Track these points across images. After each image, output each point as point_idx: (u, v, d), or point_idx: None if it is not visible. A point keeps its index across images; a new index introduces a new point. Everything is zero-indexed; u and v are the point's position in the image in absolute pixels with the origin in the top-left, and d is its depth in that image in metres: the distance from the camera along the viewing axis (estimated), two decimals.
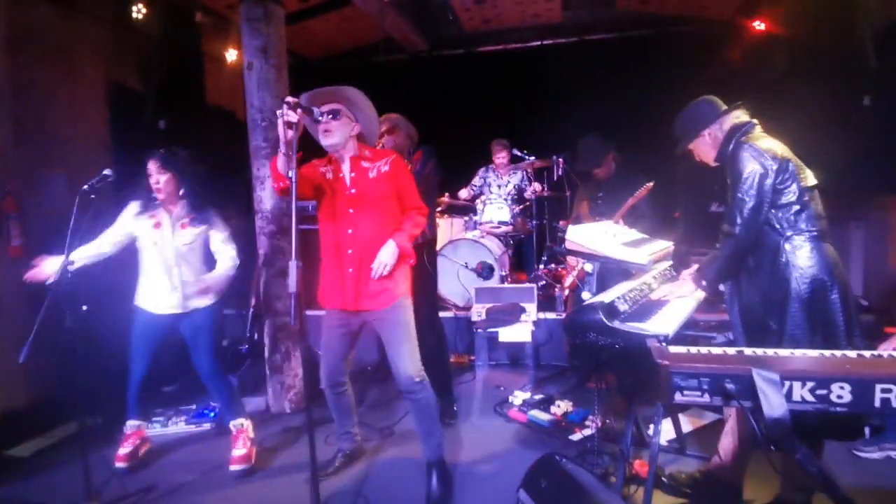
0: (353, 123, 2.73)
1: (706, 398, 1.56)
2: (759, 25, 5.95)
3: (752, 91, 2.58)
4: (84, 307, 3.41)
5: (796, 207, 2.26)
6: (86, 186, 2.73)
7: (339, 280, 2.73)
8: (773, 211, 2.27)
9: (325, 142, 2.67)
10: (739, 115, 2.45)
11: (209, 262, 3.24)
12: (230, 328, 4.66)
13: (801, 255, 2.23)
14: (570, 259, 4.23)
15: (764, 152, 2.28)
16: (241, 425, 3.30)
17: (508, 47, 7.18)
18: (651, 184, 3.83)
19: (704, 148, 2.51)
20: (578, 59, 6.74)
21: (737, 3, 6.14)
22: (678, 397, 1.58)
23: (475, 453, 3.27)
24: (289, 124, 2.30)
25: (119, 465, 3.17)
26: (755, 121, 2.44)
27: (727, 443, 2.47)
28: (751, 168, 2.25)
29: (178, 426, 3.73)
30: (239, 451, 3.18)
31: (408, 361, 2.72)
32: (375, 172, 2.72)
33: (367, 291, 2.70)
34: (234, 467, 3.13)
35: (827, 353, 1.77)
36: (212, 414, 3.82)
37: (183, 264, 3.14)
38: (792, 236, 2.25)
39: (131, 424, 3.33)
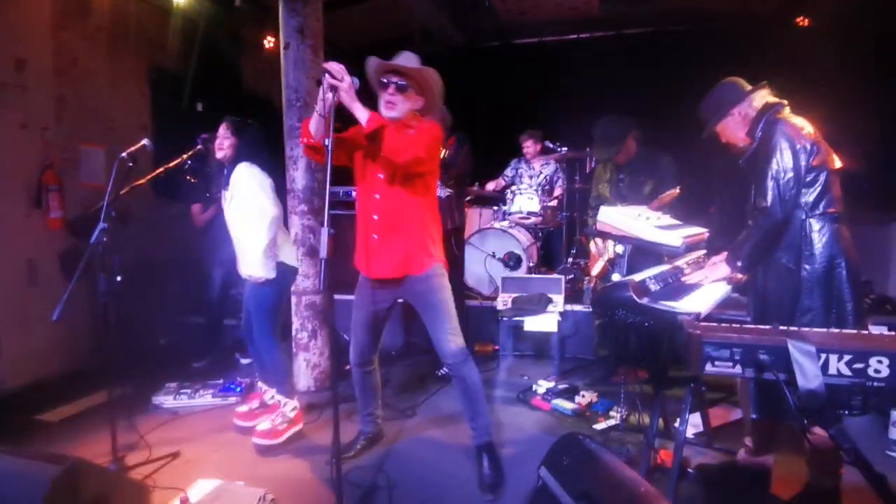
0: (418, 100, 2.66)
1: (738, 369, 1.52)
2: (801, 21, 5.81)
3: (793, 88, 2.56)
4: (118, 278, 3.49)
5: (821, 188, 2.28)
6: (124, 154, 2.81)
7: (370, 247, 2.71)
8: (801, 189, 2.28)
9: (387, 114, 2.57)
10: (767, 95, 2.46)
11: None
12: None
13: (822, 235, 2.26)
14: (594, 250, 4.16)
15: (798, 129, 2.30)
16: (278, 401, 3.29)
17: (544, 39, 7.15)
18: (677, 190, 3.76)
19: (733, 127, 2.50)
20: (615, 53, 6.68)
21: None
22: (709, 367, 1.53)
23: (497, 438, 3.23)
24: (332, 87, 2.30)
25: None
26: (784, 101, 2.43)
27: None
28: (786, 144, 2.26)
29: (205, 399, 3.78)
30: (263, 425, 3.18)
31: (450, 337, 2.68)
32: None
33: (392, 259, 2.66)
34: (254, 439, 3.13)
35: (864, 331, 1.72)
36: (238, 389, 3.87)
37: (238, 232, 3.21)
38: (814, 215, 2.27)
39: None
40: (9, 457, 2.07)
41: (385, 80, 2.58)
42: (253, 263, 3.13)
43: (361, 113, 2.38)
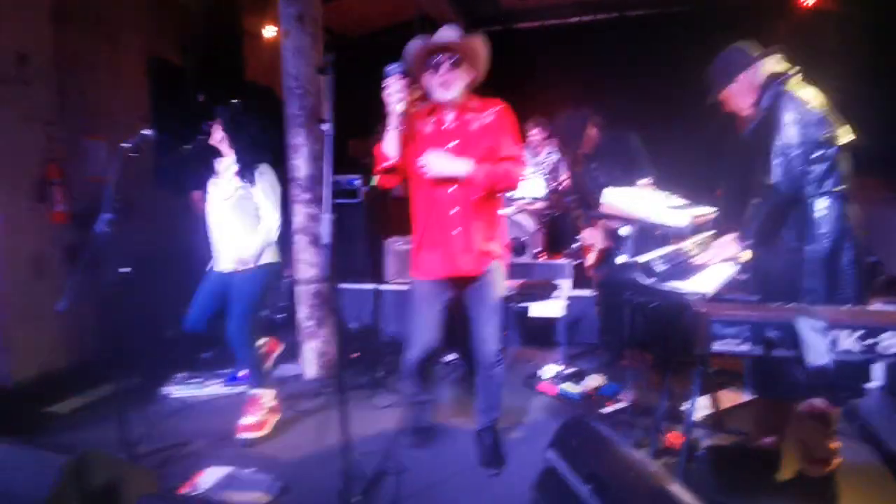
0: (471, 73, 2.52)
1: (746, 346, 1.50)
2: (808, 1, 5.71)
3: (804, 66, 2.50)
4: (124, 269, 3.48)
5: (828, 164, 2.21)
6: (126, 145, 2.79)
7: (443, 244, 2.56)
8: (808, 166, 2.21)
9: (444, 96, 2.46)
10: (777, 62, 2.36)
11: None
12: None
13: (827, 214, 2.18)
14: (586, 238, 4.12)
15: (807, 102, 2.22)
16: (256, 394, 3.26)
17: (546, 23, 7.04)
18: (649, 180, 3.74)
19: (739, 94, 2.41)
20: (618, 36, 6.58)
21: None
22: (717, 346, 1.52)
23: (504, 422, 3.23)
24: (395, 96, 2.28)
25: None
26: (796, 68, 2.33)
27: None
28: (792, 118, 2.18)
29: (214, 388, 3.80)
30: (248, 419, 3.14)
31: (494, 338, 2.68)
32: (478, 125, 2.52)
33: (471, 252, 2.53)
34: (239, 435, 3.09)
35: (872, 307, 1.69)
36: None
37: (226, 222, 3.17)
38: (820, 193, 2.20)
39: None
40: (19, 447, 2.08)
41: (435, 60, 2.44)
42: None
43: (465, 170, 2.41)
